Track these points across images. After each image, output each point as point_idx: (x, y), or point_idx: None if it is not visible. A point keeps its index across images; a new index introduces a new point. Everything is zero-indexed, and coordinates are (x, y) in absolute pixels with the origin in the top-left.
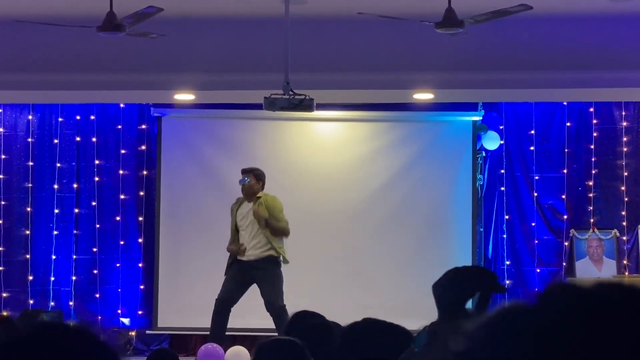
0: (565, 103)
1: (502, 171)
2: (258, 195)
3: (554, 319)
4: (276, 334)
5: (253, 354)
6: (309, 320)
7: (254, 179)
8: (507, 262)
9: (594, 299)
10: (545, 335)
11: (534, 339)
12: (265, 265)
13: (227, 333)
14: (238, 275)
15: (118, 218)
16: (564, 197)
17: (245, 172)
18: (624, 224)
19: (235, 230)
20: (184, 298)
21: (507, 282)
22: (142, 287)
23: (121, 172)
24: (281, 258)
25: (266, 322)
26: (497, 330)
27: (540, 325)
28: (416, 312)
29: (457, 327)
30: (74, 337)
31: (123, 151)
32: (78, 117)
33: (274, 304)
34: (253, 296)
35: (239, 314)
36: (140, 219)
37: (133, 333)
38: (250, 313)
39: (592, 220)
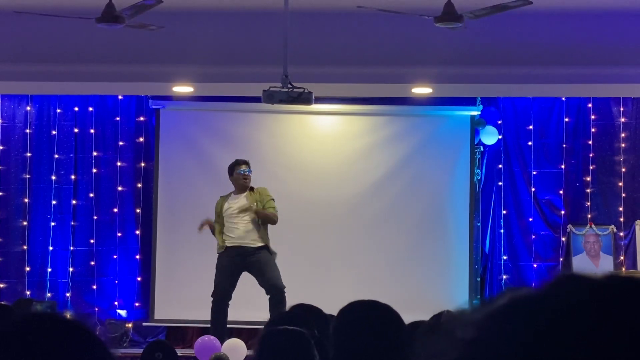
0: (563, 98)
1: (500, 166)
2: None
3: (566, 309)
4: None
5: (257, 342)
6: (306, 313)
7: (250, 170)
8: (504, 257)
9: (607, 290)
10: (557, 326)
11: (544, 330)
12: (262, 252)
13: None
14: (229, 266)
15: (115, 210)
16: (561, 192)
17: (245, 162)
18: (621, 219)
19: (220, 228)
20: (181, 290)
21: (504, 277)
22: (139, 279)
23: (119, 164)
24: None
25: (263, 314)
26: (507, 319)
27: (552, 315)
28: (413, 306)
29: (464, 316)
30: (59, 328)
31: (121, 143)
32: (76, 109)
33: (278, 286)
34: (249, 289)
35: (235, 307)
36: (138, 210)
37: (130, 325)
38: (247, 306)
39: (589, 216)
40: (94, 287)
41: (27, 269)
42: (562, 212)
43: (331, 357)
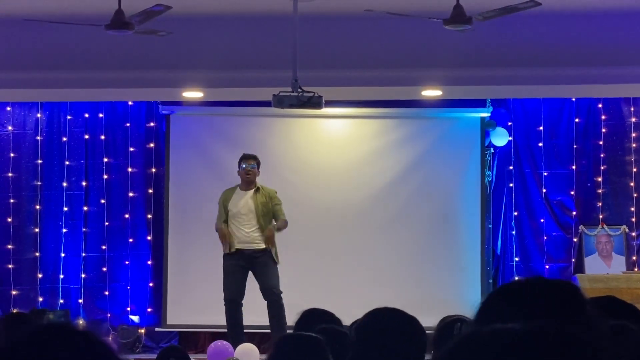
0: (573, 99)
1: (511, 167)
2: (257, 185)
3: None
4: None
5: (272, 347)
6: (318, 318)
7: (257, 166)
8: (516, 259)
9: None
10: None
11: None
12: (264, 254)
13: None
14: (237, 268)
15: (127, 215)
16: (572, 193)
17: (251, 157)
18: (633, 220)
19: (225, 221)
20: (193, 295)
21: (516, 278)
22: (151, 284)
23: (130, 169)
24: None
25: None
26: None
27: None
28: (425, 309)
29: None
30: (72, 339)
31: (132, 149)
32: (87, 115)
33: (274, 290)
34: (260, 293)
35: (247, 312)
36: (149, 216)
37: (142, 330)
38: (259, 310)
39: (601, 216)
40: (106, 293)
41: (40, 275)
42: (574, 213)
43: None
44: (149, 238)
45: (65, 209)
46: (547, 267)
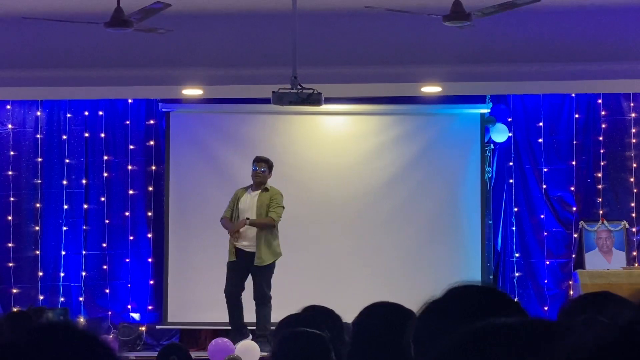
0: (573, 95)
1: (511, 163)
2: (266, 186)
3: None
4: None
5: (275, 343)
6: (319, 315)
7: (268, 169)
8: (517, 255)
9: None
10: None
11: None
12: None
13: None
14: (236, 266)
15: (127, 213)
16: (572, 189)
17: (261, 160)
18: (633, 215)
19: (230, 217)
20: (194, 293)
21: (517, 274)
22: (151, 282)
23: (130, 167)
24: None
25: (276, 315)
26: None
27: None
28: None
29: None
30: (71, 339)
31: (131, 146)
32: (86, 113)
33: (264, 294)
34: None
35: (249, 308)
36: (149, 214)
37: (143, 328)
38: None
39: (601, 212)
40: (107, 290)
41: (40, 273)
42: (574, 209)
43: (346, 354)
44: (149, 235)
45: (65, 206)
46: (548, 262)
